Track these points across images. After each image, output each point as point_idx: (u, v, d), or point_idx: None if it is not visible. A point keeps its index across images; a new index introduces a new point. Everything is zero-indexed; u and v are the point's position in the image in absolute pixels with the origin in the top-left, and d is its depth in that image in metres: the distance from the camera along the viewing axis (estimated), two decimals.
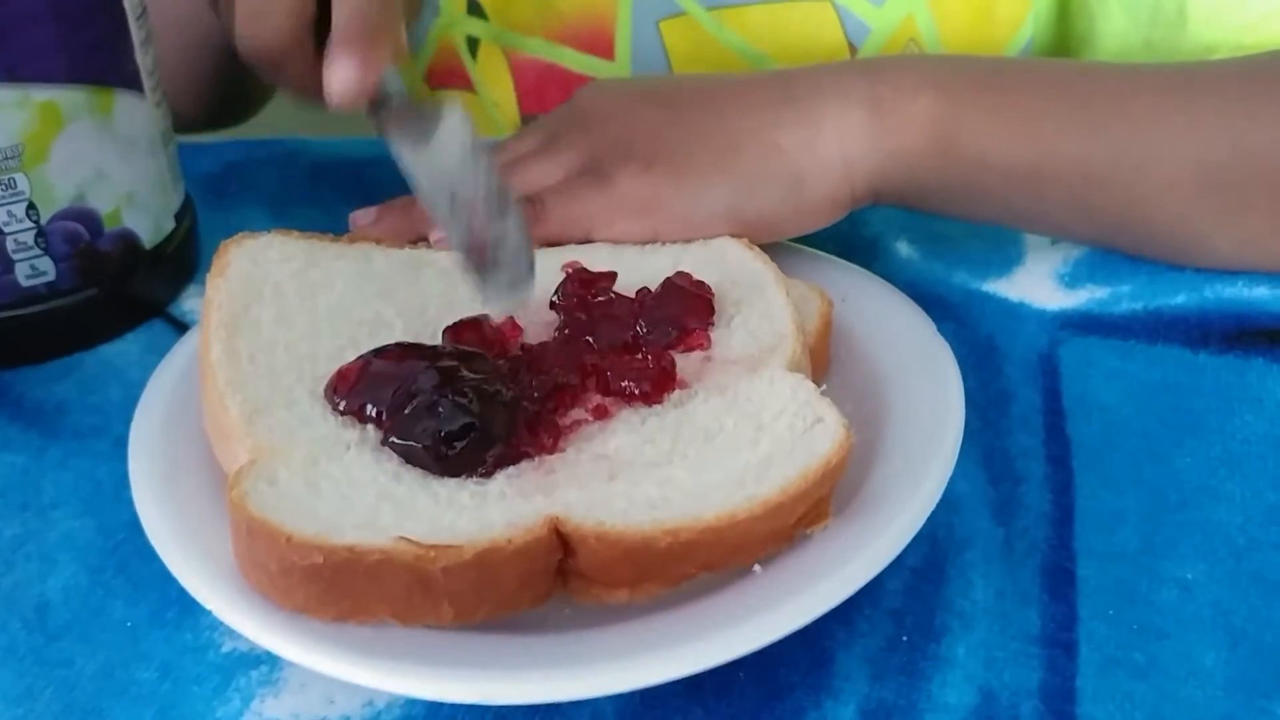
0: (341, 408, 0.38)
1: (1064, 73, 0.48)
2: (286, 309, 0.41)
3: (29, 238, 0.46)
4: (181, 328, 0.50)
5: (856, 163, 0.45)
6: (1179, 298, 0.48)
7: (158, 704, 0.35)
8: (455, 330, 0.41)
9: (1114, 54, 0.57)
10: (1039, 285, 0.50)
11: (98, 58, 0.46)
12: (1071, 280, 0.50)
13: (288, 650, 0.33)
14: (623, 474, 0.36)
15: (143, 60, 0.48)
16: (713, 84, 0.49)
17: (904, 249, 0.52)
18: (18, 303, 0.47)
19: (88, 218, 0.47)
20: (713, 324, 0.41)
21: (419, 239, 0.46)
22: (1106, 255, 0.50)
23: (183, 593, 0.38)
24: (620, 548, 0.33)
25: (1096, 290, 0.49)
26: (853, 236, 0.49)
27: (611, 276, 0.43)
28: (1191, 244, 0.47)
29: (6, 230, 0.46)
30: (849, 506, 0.36)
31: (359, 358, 0.39)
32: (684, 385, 0.39)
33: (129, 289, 0.50)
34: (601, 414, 0.38)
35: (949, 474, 0.36)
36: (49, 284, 0.47)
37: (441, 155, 0.42)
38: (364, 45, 0.42)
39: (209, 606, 0.34)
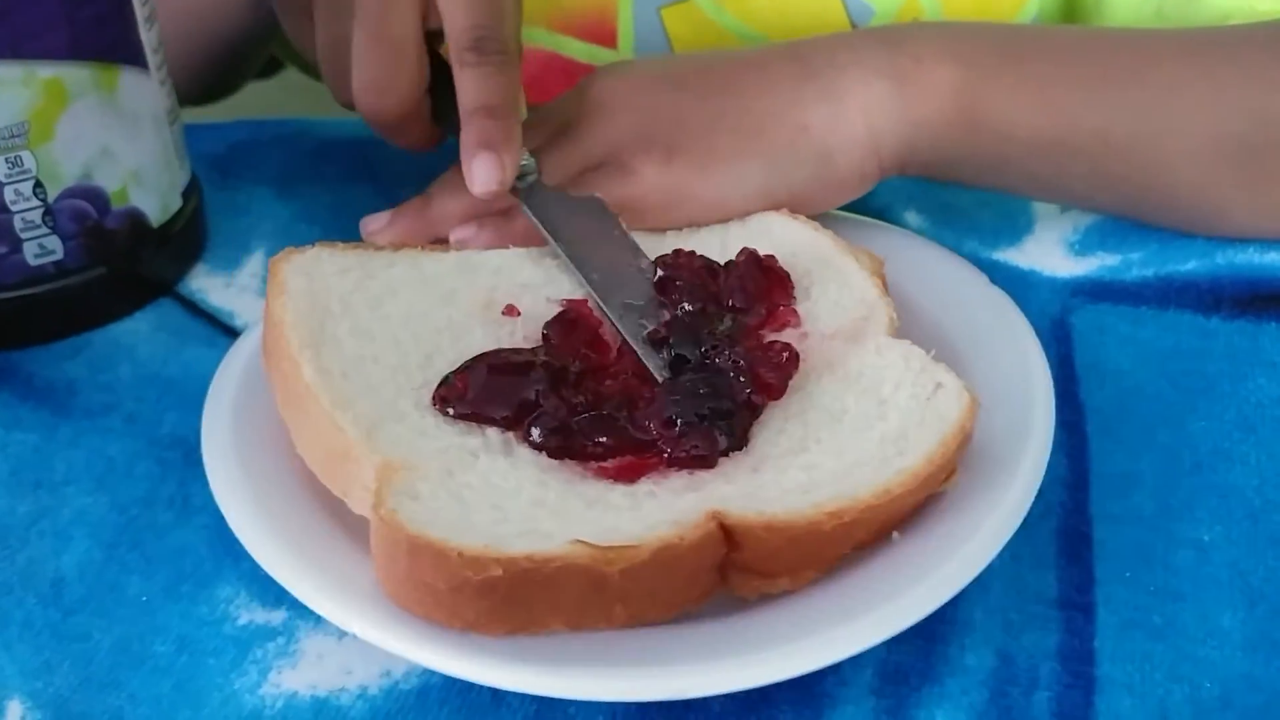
0: (453, 413, 0.37)
1: (1084, 40, 0.48)
2: (360, 322, 0.40)
3: (36, 216, 0.46)
4: (190, 306, 0.50)
5: (883, 135, 0.45)
6: (1190, 264, 0.48)
7: (175, 676, 0.35)
8: (557, 327, 0.40)
9: (1125, 24, 0.57)
10: (1049, 253, 0.49)
11: (101, 34, 0.45)
12: (1082, 248, 0.50)
13: (455, 667, 0.32)
14: (765, 465, 0.36)
15: (146, 37, 0.47)
16: (726, 63, 0.49)
17: (913, 219, 0.52)
18: (26, 282, 0.47)
19: (95, 196, 0.47)
20: (794, 298, 0.41)
21: (437, 241, 0.45)
22: (1117, 222, 0.50)
23: (197, 567, 0.38)
24: (787, 535, 0.33)
25: (1107, 257, 0.49)
26: (862, 207, 0.49)
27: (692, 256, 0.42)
28: (1211, 214, 0.47)
29: (14, 209, 0.45)
30: (969, 461, 0.36)
31: (463, 367, 0.38)
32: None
33: (137, 268, 0.49)
34: None
35: (1053, 426, 0.37)
36: (57, 263, 0.47)
37: (595, 246, 0.43)
38: (500, 141, 0.42)
39: (353, 630, 0.33)
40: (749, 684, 0.32)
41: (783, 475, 0.35)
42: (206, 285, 0.51)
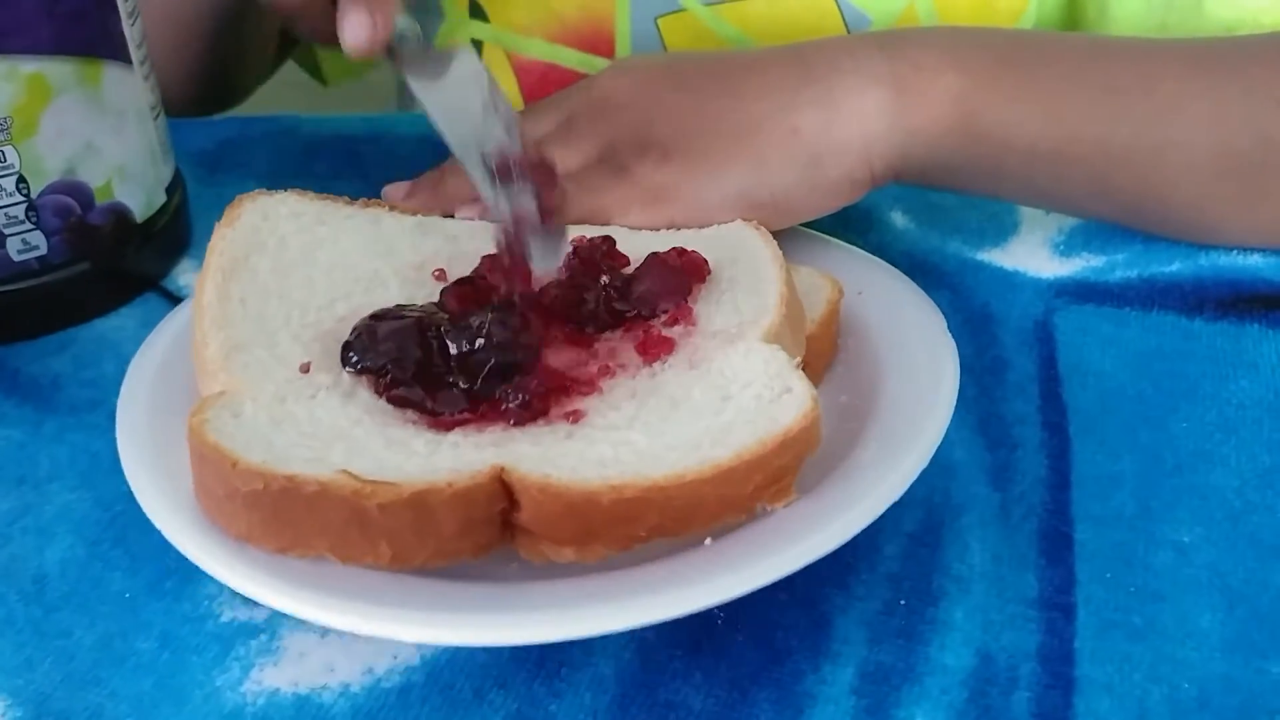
0: (357, 367, 0.37)
1: (1087, 50, 0.48)
2: (286, 260, 0.41)
3: (19, 211, 0.46)
4: (176, 301, 0.50)
5: (876, 142, 0.45)
6: (1174, 265, 0.48)
7: (157, 674, 0.35)
8: (454, 288, 0.41)
9: (1128, 34, 0.56)
10: (1034, 254, 0.50)
11: (84, 29, 0.45)
12: (1066, 249, 0.50)
13: (247, 586, 0.33)
14: (580, 435, 0.35)
15: (130, 32, 0.47)
16: (731, 63, 0.49)
17: (899, 219, 0.52)
18: (10, 278, 0.47)
19: (78, 191, 0.47)
20: (694, 300, 0.41)
21: (449, 215, 0.46)
22: (1101, 224, 0.50)
23: (181, 563, 0.38)
24: (563, 501, 0.33)
25: (1091, 258, 0.49)
26: (848, 208, 0.49)
27: (610, 242, 0.42)
28: (1206, 227, 0.47)
29: None
30: (816, 488, 0.35)
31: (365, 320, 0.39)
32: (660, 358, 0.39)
33: (121, 263, 0.49)
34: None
35: (922, 465, 0.35)
36: (41, 258, 0.47)
37: (461, 104, 0.43)
38: (372, 2, 0.43)
39: (181, 548, 0.35)
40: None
41: (591, 446, 0.35)
42: (193, 281, 0.51)
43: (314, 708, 0.34)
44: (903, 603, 0.36)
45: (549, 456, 0.34)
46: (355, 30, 0.43)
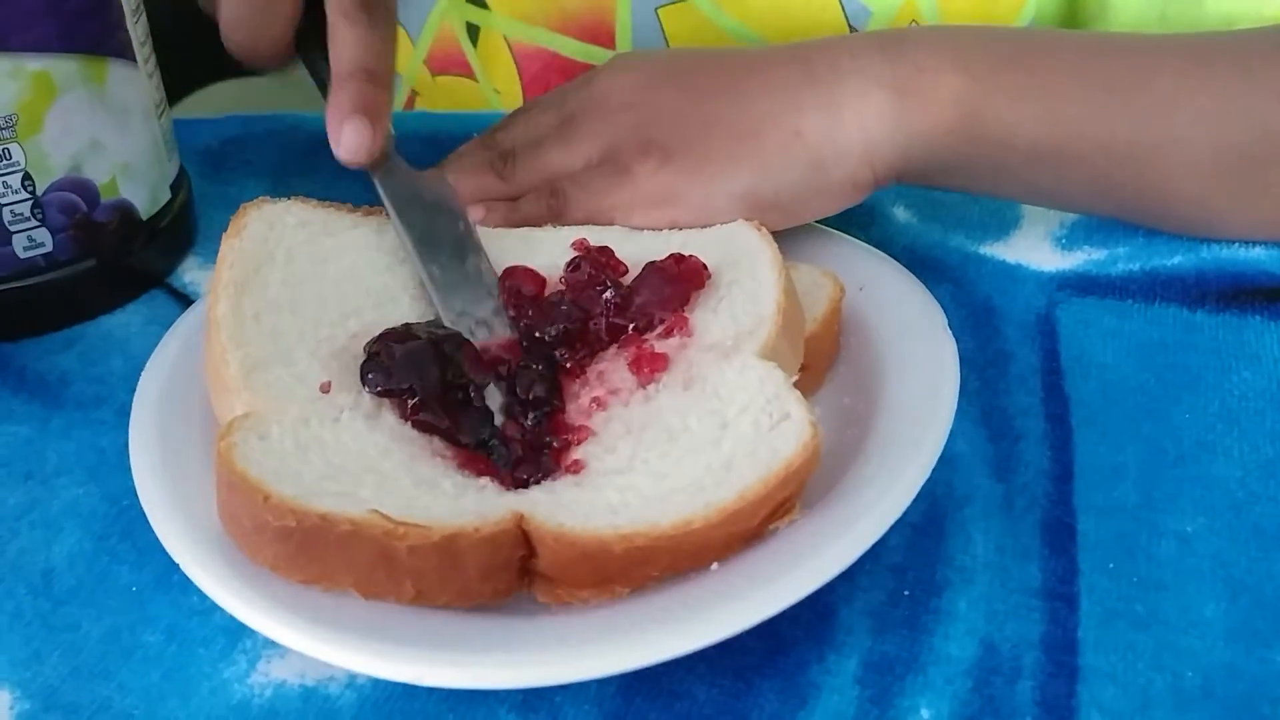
0: (378, 390, 0.38)
1: (1087, 48, 0.48)
2: (296, 273, 0.41)
3: (25, 209, 0.46)
4: (182, 298, 0.50)
5: (878, 145, 0.45)
6: (1176, 258, 0.48)
7: (164, 666, 0.35)
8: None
9: (1129, 27, 0.56)
10: (1036, 247, 0.50)
11: (89, 26, 0.46)
12: (1069, 242, 0.50)
13: (268, 627, 0.33)
14: (588, 481, 0.36)
15: (134, 29, 0.47)
16: (733, 62, 0.49)
17: (901, 214, 0.52)
18: (16, 275, 0.47)
19: (84, 188, 0.47)
20: (692, 308, 0.41)
21: None
22: (1104, 218, 0.50)
23: None
24: (577, 549, 0.33)
25: (1093, 252, 0.49)
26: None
27: (614, 260, 0.42)
28: (1208, 223, 0.47)
29: (2, 201, 0.45)
30: (819, 503, 0.35)
31: (380, 339, 0.39)
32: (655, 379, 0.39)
33: (127, 260, 0.50)
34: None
35: (923, 478, 0.35)
36: (46, 255, 0.47)
37: (439, 232, 0.42)
38: (375, 109, 0.43)
39: (189, 573, 0.34)
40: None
41: (599, 493, 0.35)
42: (199, 278, 0.51)
43: (320, 699, 0.34)
44: (907, 593, 0.36)
45: (561, 503, 0.35)
46: (355, 140, 0.43)
